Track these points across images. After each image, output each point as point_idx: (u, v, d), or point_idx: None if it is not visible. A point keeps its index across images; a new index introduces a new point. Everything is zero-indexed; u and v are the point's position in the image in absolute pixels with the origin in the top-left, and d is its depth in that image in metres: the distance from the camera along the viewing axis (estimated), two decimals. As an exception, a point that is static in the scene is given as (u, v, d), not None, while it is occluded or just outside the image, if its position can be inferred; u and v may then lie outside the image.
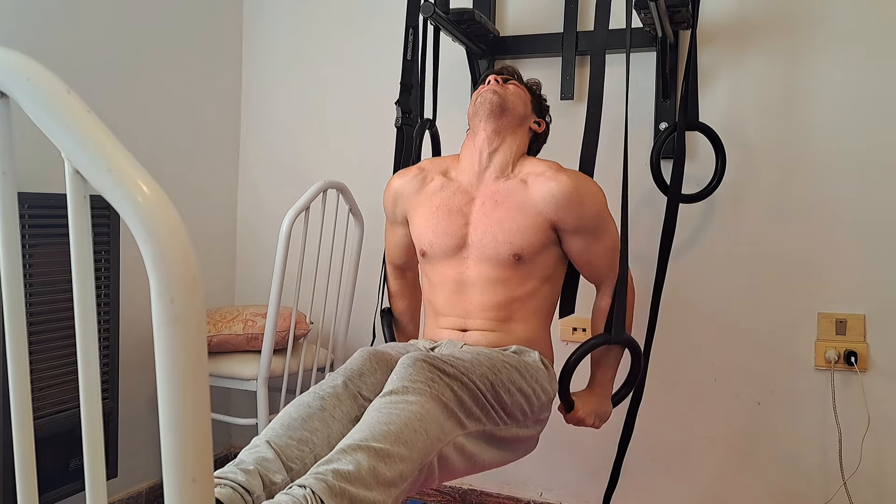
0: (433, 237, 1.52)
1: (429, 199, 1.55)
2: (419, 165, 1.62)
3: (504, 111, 1.51)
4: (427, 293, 1.59)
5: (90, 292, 0.56)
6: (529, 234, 1.45)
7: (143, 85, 2.18)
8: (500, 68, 1.65)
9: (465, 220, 1.50)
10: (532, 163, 1.52)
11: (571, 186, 1.44)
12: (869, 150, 1.90)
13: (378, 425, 1.08)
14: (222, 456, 2.57)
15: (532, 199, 1.46)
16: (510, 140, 1.52)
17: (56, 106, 0.51)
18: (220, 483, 1.03)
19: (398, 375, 1.19)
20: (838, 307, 1.93)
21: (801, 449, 1.96)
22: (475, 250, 1.48)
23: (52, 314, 1.65)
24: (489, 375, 1.28)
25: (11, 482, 1.54)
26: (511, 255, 1.45)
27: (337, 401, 1.23)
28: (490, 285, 1.47)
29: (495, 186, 1.50)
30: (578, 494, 2.15)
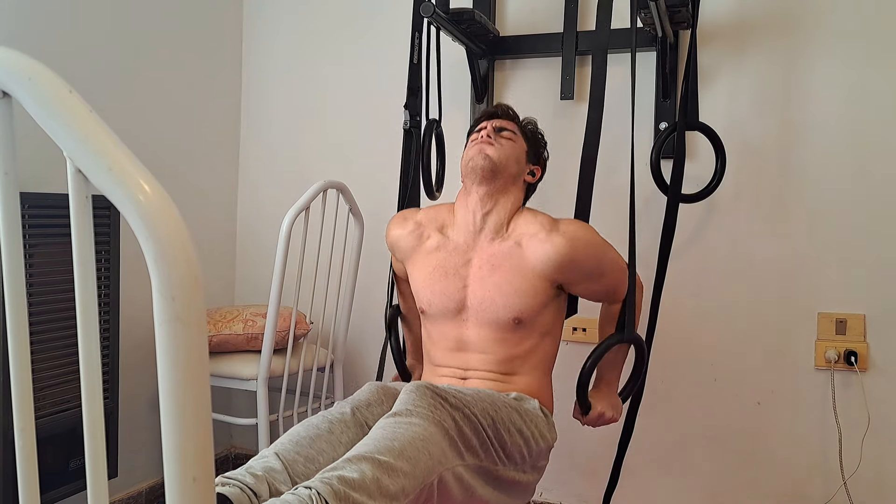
0: (431, 297, 1.52)
1: (425, 258, 1.55)
2: (416, 219, 1.59)
3: (496, 175, 1.47)
4: (427, 346, 1.59)
5: (91, 292, 0.56)
6: (529, 297, 1.45)
7: (144, 85, 2.18)
8: (494, 108, 1.60)
9: (462, 283, 1.50)
10: (525, 219, 1.49)
11: (567, 247, 1.42)
12: (869, 149, 1.90)
13: (383, 440, 1.12)
14: (223, 456, 2.57)
15: (529, 263, 1.45)
16: (503, 201, 1.50)
17: (58, 106, 0.51)
18: (228, 482, 1.07)
19: (402, 400, 1.23)
20: (838, 307, 1.93)
21: (801, 449, 1.96)
22: (475, 314, 1.49)
23: (54, 314, 1.65)
24: (490, 411, 1.30)
25: (13, 481, 1.54)
26: (511, 318, 1.46)
27: (344, 426, 1.27)
28: (490, 344, 1.48)
29: (491, 249, 1.49)
30: (578, 494, 2.16)
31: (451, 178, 2.17)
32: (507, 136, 1.52)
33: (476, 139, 1.52)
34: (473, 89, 2.22)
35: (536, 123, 1.63)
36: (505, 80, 2.25)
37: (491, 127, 1.52)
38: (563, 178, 2.16)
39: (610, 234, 2.03)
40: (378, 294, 2.32)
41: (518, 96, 2.24)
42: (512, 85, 2.25)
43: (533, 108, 2.22)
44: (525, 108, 2.22)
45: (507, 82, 2.25)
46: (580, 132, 2.11)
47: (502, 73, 2.25)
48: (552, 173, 2.19)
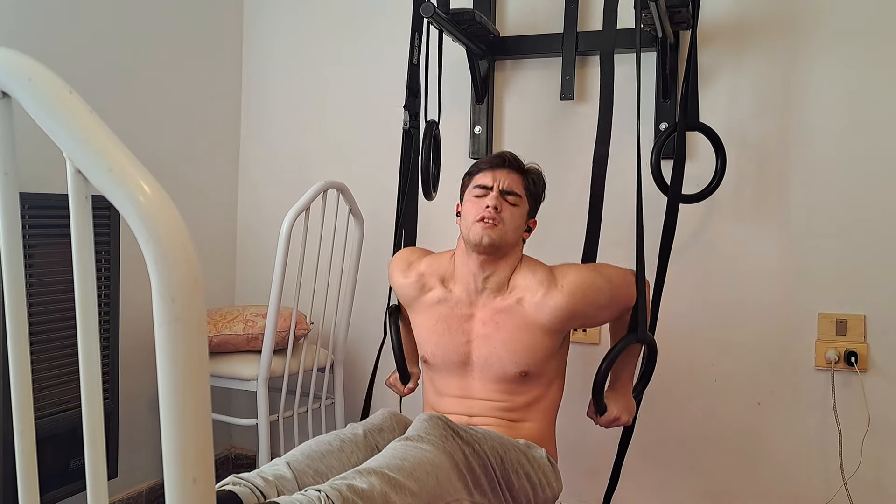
0: (435, 349, 1.53)
1: (428, 309, 1.55)
2: (419, 269, 1.58)
3: (496, 250, 1.46)
4: (429, 393, 1.60)
5: (91, 292, 0.56)
6: (536, 351, 1.47)
7: (144, 85, 2.18)
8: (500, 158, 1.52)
9: (466, 338, 1.51)
10: (523, 275, 1.49)
11: (568, 302, 1.44)
12: (869, 149, 1.90)
13: (394, 459, 1.15)
14: (223, 456, 2.57)
15: (534, 319, 1.46)
16: (502, 265, 1.49)
17: (58, 106, 0.51)
18: (239, 482, 1.11)
19: (414, 427, 1.27)
20: (838, 307, 1.93)
21: (801, 449, 1.96)
22: (480, 368, 1.50)
23: (54, 314, 1.65)
24: (500, 451, 1.32)
25: (13, 482, 1.54)
26: (518, 372, 1.47)
27: (355, 447, 1.31)
28: (496, 395, 1.50)
29: (493, 305, 1.49)
30: (578, 494, 2.15)
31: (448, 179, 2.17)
32: (513, 202, 1.48)
33: (480, 209, 1.46)
34: (473, 89, 2.21)
35: (540, 172, 1.58)
36: (505, 80, 2.25)
37: (497, 191, 1.47)
38: (564, 178, 2.16)
39: (610, 233, 2.03)
40: (378, 294, 2.32)
41: (518, 96, 2.24)
42: (512, 85, 2.25)
43: (533, 109, 2.22)
44: (525, 109, 2.23)
45: (508, 83, 2.25)
46: (580, 132, 2.12)
47: (502, 73, 2.25)
48: (553, 173, 2.19)
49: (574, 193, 2.09)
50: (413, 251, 1.67)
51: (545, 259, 1.58)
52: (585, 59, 2.15)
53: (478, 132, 2.24)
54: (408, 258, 1.63)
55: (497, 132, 2.26)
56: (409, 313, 1.64)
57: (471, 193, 1.51)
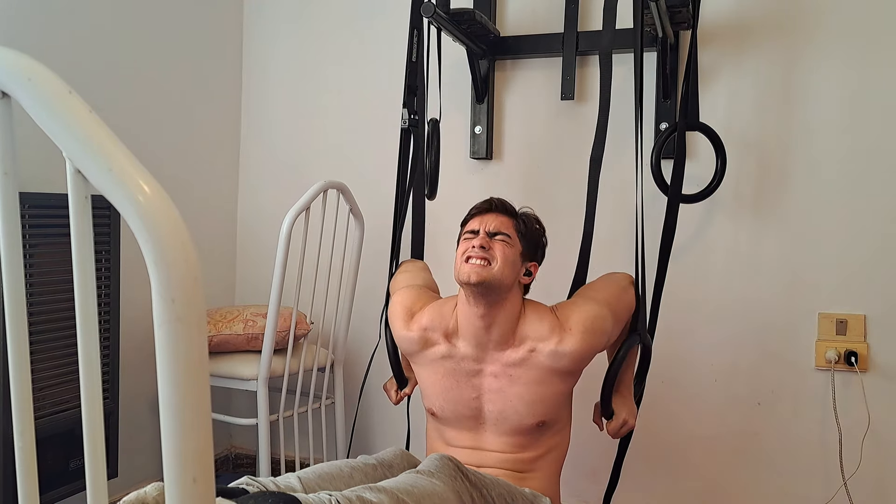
0: (444, 404, 1.51)
1: (433, 365, 1.52)
2: (422, 323, 1.52)
3: (489, 292, 1.41)
4: (436, 445, 1.57)
5: (91, 292, 0.56)
6: (554, 400, 1.47)
7: (144, 85, 2.18)
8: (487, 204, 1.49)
9: (476, 393, 1.49)
10: (530, 322, 1.46)
11: (582, 343, 1.42)
12: (869, 149, 1.90)
13: (404, 484, 1.18)
14: (223, 456, 2.57)
15: (550, 368, 1.44)
16: (502, 313, 1.44)
17: (57, 106, 0.51)
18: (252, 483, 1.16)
19: (426, 464, 1.28)
20: (838, 307, 1.93)
21: (801, 449, 1.96)
22: (493, 423, 1.49)
23: (53, 314, 1.65)
24: (507, 498, 1.33)
25: (12, 482, 1.54)
26: (535, 423, 1.47)
27: (364, 476, 1.33)
28: (509, 447, 1.49)
29: (504, 359, 1.46)
30: (578, 494, 2.15)
31: (450, 179, 2.17)
32: (502, 240, 1.43)
33: (468, 249, 1.42)
34: (474, 89, 2.21)
35: (531, 214, 1.54)
36: (505, 80, 2.25)
37: (484, 233, 1.43)
38: (564, 178, 2.16)
39: (610, 233, 2.03)
40: (379, 294, 2.31)
41: (518, 96, 2.24)
42: (512, 85, 2.25)
43: (533, 109, 2.22)
44: (525, 109, 2.23)
45: (508, 82, 2.25)
46: (581, 132, 2.12)
47: (503, 73, 2.25)
48: (552, 173, 2.19)
49: (574, 193, 2.08)
50: (415, 298, 1.59)
51: (547, 258, 1.58)
52: (586, 59, 2.15)
53: (478, 132, 2.23)
54: (410, 306, 1.56)
55: (497, 132, 2.26)
56: (412, 363, 1.61)
57: (461, 240, 1.49)
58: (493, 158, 2.26)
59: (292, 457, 2.33)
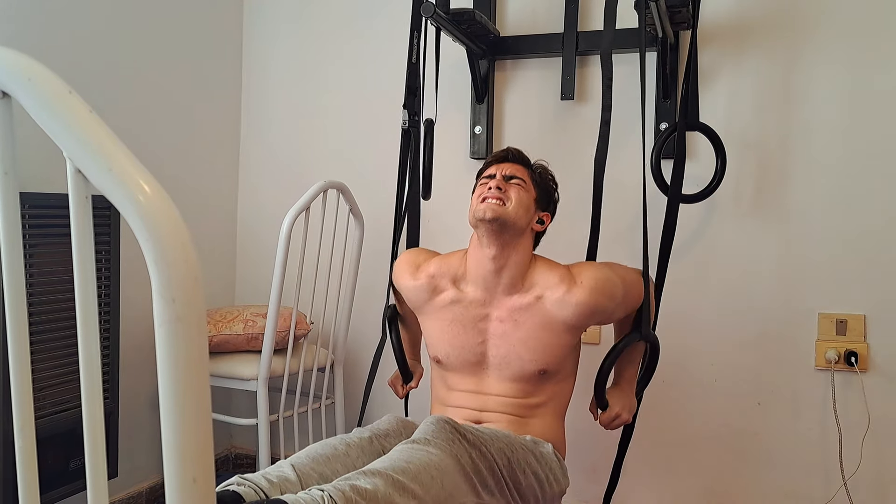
0: (449, 350, 1.52)
1: (440, 312, 1.53)
2: (429, 270, 1.55)
3: (504, 230, 1.44)
4: (439, 391, 1.59)
5: (91, 292, 0.56)
6: (556, 350, 1.47)
7: (144, 85, 2.18)
8: (505, 152, 1.55)
9: (481, 337, 1.50)
10: (541, 272, 1.48)
11: (590, 298, 1.43)
12: (869, 149, 1.90)
13: (399, 461, 1.15)
14: (223, 456, 2.57)
15: (554, 317, 1.45)
16: (514, 256, 1.47)
17: (58, 106, 0.51)
18: (243, 483, 1.11)
19: (421, 430, 1.26)
20: (838, 307, 1.93)
21: (801, 449, 1.96)
22: (496, 368, 1.49)
23: (54, 314, 1.65)
24: (507, 451, 1.32)
25: (13, 482, 1.54)
26: (537, 371, 1.47)
27: (360, 451, 1.31)
28: (511, 392, 1.50)
29: (510, 303, 1.48)
30: (578, 494, 2.15)
31: (449, 179, 2.17)
32: (517, 184, 1.48)
33: (484, 191, 1.47)
34: (473, 89, 2.21)
35: (547, 167, 1.59)
36: (505, 80, 2.25)
37: (500, 175, 1.48)
38: (564, 178, 2.16)
39: (611, 233, 2.03)
40: (378, 294, 2.32)
41: (518, 96, 2.24)
42: (512, 85, 2.25)
43: (533, 109, 2.22)
44: (525, 109, 2.23)
45: (508, 82, 2.25)
46: (581, 132, 2.12)
47: (503, 73, 2.25)
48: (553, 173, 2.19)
49: (575, 193, 2.08)
50: (419, 252, 1.64)
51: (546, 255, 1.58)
52: (585, 59, 2.15)
53: (478, 132, 2.23)
54: (414, 260, 1.59)
55: (497, 132, 2.26)
56: (418, 316, 1.61)
57: (477, 186, 1.54)
58: (493, 158, 2.26)
59: (292, 457, 2.33)
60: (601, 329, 2.12)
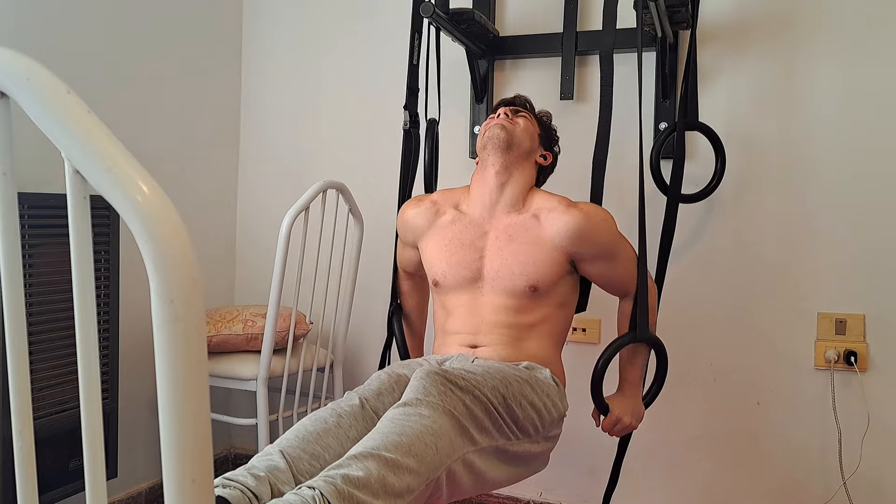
0: (447, 268, 1.54)
1: (441, 232, 1.58)
2: (431, 198, 1.64)
3: (510, 146, 1.53)
4: (439, 318, 1.61)
5: (90, 292, 0.56)
6: (545, 267, 1.48)
7: (143, 85, 2.18)
8: (512, 98, 1.68)
9: (479, 254, 1.53)
10: (542, 196, 1.55)
11: (584, 219, 1.47)
12: (869, 149, 1.90)
13: (391, 435, 1.10)
14: (222, 456, 2.57)
15: (546, 234, 1.48)
16: (517, 174, 1.55)
17: (56, 106, 0.51)
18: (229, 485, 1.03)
19: (412, 388, 1.22)
20: (838, 307, 1.93)
21: (801, 449, 1.96)
22: (490, 282, 1.51)
23: (52, 314, 1.65)
24: (501, 388, 1.30)
25: (12, 482, 1.54)
26: (527, 286, 1.48)
27: (353, 420, 1.26)
28: (504, 310, 1.50)
29: (508, 220, 1.52)
30: (578, 494, 2.15)
31: (449, 179, 2.17)
32: (522, 115, 1.59)
33: (491, 118, 1.58)
34: (473, 89, 2.21)
35: (551, 117, 1.69)
36: (505, 80, 2.25)
37: (508, 109, 1.59)
38: (564, 178, 2.16)
39: (610, 234, 2.03)
40: (378, 294, 2.32)
41: (518, 96, 2.23)
42: (512, 85, 2.25)
43: (533, 108, 2.22)
44: (525, 108, 2.23)
45: (507, 82, 2.25)
46: (580, 132, 2.12)
47: (502, 73, 2.25)
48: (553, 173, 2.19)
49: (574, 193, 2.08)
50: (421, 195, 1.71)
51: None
52: (585, 59, 2.15)
53: (478, 132, 2.23)
54: (418, 196, 1.68)
55: (497, 132, 2.25)
56: (420, 245, 1.63)
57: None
58: (492, 158, 2.26)
59: (292, 457, 2.33)
60: (601, 328, 2.12)
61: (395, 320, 1.75)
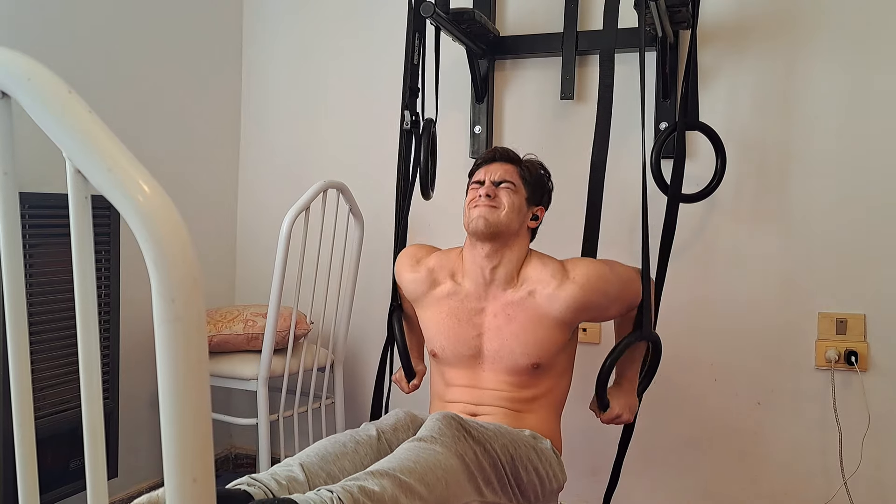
0: (445, 343, 1.53)
1: (437, 304, 1.56)
2: (428, 264, 1.58)
3: (497, 236, 1.47)
4: (437, 386, 1.60)
5: (91, 292, 0.56)
6: (547, 344, 1.48)
7: (143, 85, 2.18)
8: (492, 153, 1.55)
9: (476, 331, 1.51)
10: (534, 267, 1.50)
11: (580, 292, 1.44)
12: (869, 149, 1.90)
13: (406, 461, 1.16)
14: (223, 456, 2.57)
15: (545, 311, 1.47)
16: (508, 254, 1.50)
17: (57, 106, 0.51)
18: (254, 483, 1.13)
19: (427, 427, 1.27)
20: (838, 307, 1.93)
21: (801, 449, 1.96)
22: (491, 361, 1.51)
23: (53, 314, 1.65)
24: (510, 448, 1.33)
25: (13, 482, 1.54)
26: (529, 364, 1.48)
27: (369, 448, 1.32)
28: (506, 386, 1.50)
29: (504, 298, 1.49)
30: (578, 494, 2.15)
31: (449, 179, 2.17)
32: (506, 188, 1.50)
33: (475, 198, 1.49)
34: (473, 89, 2.21)
35: (535, 160, 1.59)
36: (505, 80, 2.25)
37: (489, 182, 1.50)
38: (564, 177, 2.16)
39: (610, 233, 2.03)
40: (378, 294, 2.31)
41: (518, 96, 2.24)
42: (512, 85, 2.25)
43: (533, 108, 2.22)
44: (525, 108, 2.23)
45: (507, 82, 2.25)
46: (580, 132, 2.12)
47: (502, 73, 2.25)
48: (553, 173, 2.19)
49: (573, 193, 2.08)
50: (420, 247, 1.66)
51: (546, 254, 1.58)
52: (585, 59, 2.15)
53: (478, 132, 2.24)
54: (415, 254, 1.62)
55: (497, 132, 2.26)
56: (416, 309, 1.63)
57: (468, 190, 1.56)
58: (492, 158, 2.26)
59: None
60: (601, 329, 2.12)
61: (395, 320, 1.75)
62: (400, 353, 1.73)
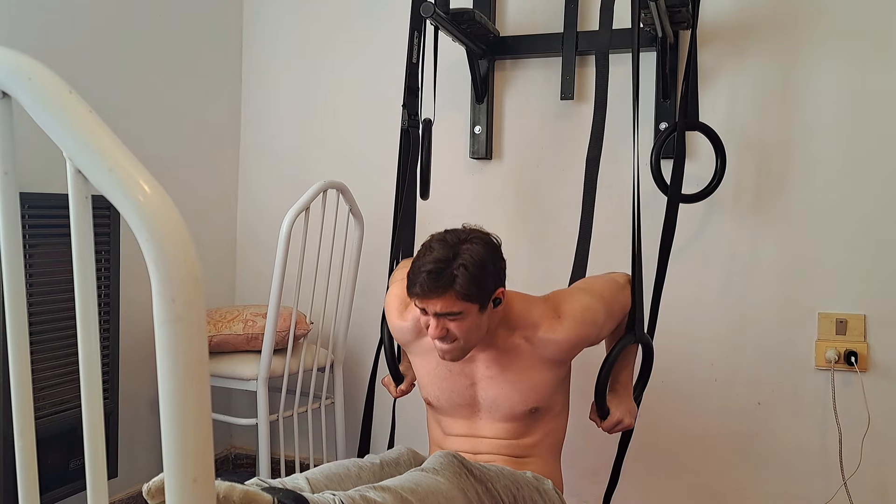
0: (439, 393, 1.52)
1: (426, 353, 1.51)
2: (415, 314, 1.45)
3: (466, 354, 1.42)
4: (434, 434, 1.59)
5: (91, 292, 0.56)
6: (544, 386, 1.47)
7: (144, 85, 2.18)
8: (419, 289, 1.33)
9: (469, 381, 1.49)
10: (519, 314, 1.44)
11: (575, 330, 1.43)
12: (869, 149, 1.90)
13: (409, 483, 1.19)
14: (223, 456, 2.57)
15: (540, 355, 1.45)
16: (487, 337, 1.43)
17: (58, 106, 0.51)
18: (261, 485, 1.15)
19: (430, 461, 1.29)
20: (838, 307, 1.93)
21: (801, 449, 1.96)
22: (488, 410, 1.50)
23: (53, 314, 1.65)
24: (512, 489, 1.34)
25: (13, 482, 1.54)
26: (528, 410, 1.47)
27: (372, 475, 1.35)
28: (504, 433, 1.50)
29: (496, 347, 1.46)
30: (578, 494, 2.15)
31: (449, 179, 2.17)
32: (453, 320, 1.34)
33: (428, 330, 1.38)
34: (473, 89, 2.21)
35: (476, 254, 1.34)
36: (505, 80, 2.25)
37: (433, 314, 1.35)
38: (564, 178, 2.16)
39: (609, 233, 2.03)
40: (378, 294, 2.31)
41: (518, 96, 2.24)
42: (512, 85, 2.25)
43: (533, 109, 2.22)
44: (525, 108, 2.23)
45: (507, 82, 2.25)
46: (580, 132, 2.12)
47: (502, 73, 2.25)
48: (552, 173, 2.19)
49: (574, 193, 2.08)
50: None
51: (543, 256, 1.58)
52: (585, 59, 2.15)
53: (478, 132, 2.23)
54: (404, 298, 1.48)
55: (497, 132, 2.26)
56: (407, 353, 1.62)
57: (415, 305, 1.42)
58: (492, 158, 2.26)
59: (292, 457, 2.33)
60: (601, 329, 2.12)
61: (385, 325, 1.73)
62: (386, 355, 1.72)
